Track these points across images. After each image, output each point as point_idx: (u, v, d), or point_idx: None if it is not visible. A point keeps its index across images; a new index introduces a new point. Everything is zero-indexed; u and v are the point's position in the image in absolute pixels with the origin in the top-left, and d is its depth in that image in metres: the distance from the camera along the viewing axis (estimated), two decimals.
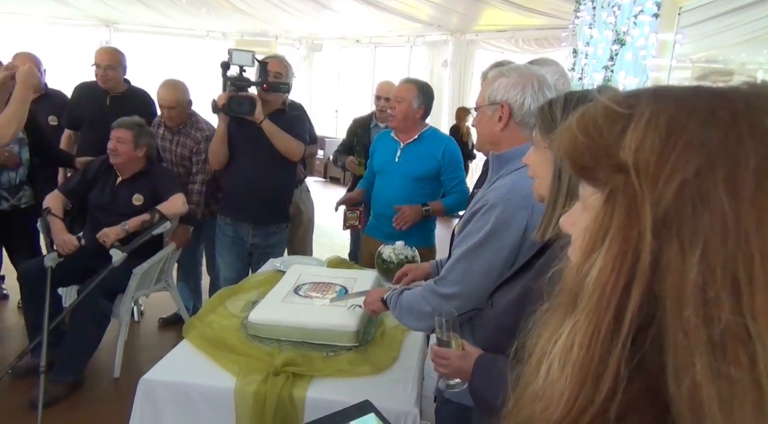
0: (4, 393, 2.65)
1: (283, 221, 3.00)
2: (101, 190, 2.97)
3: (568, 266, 0.47)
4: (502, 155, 1.48)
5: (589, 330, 0.41)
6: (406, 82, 2.72)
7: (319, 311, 1.82)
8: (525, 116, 1.45)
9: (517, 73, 1.48)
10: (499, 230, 1.37)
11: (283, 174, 2.93)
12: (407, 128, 2.68)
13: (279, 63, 2.88)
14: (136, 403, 1.55)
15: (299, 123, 2.91)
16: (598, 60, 3.56)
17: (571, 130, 0.47)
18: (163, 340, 3.48)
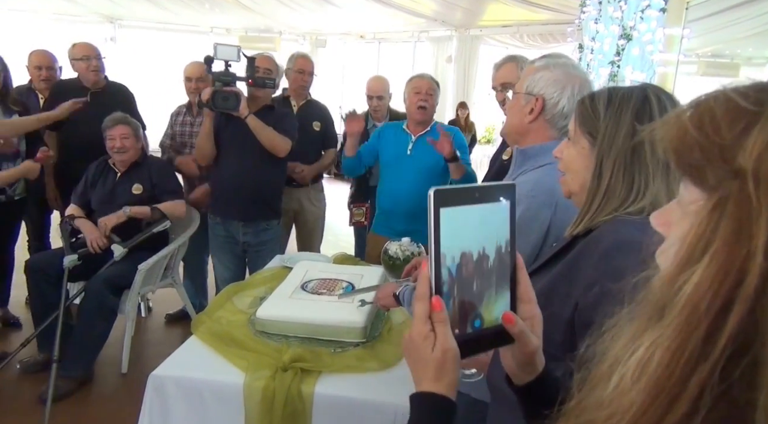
0: (14, 388, 2.67)
1: (273, 217, 2.97)
2: (102, 188, 3.00)
3: (658, 274, 0.43)
4: (527, 150, 1.46)
5: (672, 347, 0.38)
6: (429, 79, 2.81)
7: (327, 308, 1.82)
8: (556, 116, 1.42)
9: (563, 70, 1.43)
10: (522, 227, 1.36)
11: (271, 170, 2.89)
12: (427, 122, 2.78)
13: (268, 59, 2.92)
14: (146, 398, 1.56)
15: (288, 119, 2.90)
16: (604, 55, 3.54)
17: (682, 122, 0.42)
18: (169, 336, 3.50)
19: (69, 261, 2.63)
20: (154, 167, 3.07)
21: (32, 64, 3.53)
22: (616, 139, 0.99)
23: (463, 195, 0.63)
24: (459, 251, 0.63)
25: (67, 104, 3.05)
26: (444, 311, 0.62)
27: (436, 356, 0.62)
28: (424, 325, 0.63)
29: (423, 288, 0.63)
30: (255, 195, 2.86)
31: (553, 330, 0.98)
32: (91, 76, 3.30)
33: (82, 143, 3.24)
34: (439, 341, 0.62)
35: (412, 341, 0.64)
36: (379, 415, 1.47)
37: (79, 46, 3.33)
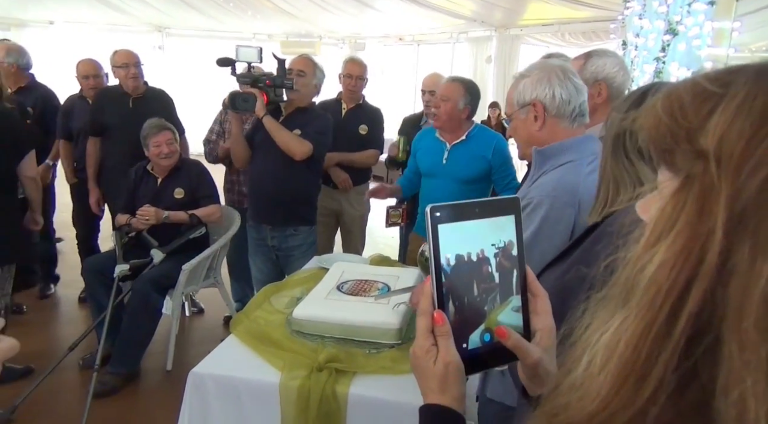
0: (72, 383, 2.80)
1: (301, 223, 2.86)
2: (144, 194, 3.08)
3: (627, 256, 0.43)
4: (545, 150, 1.45)
5: (639, 328, 0.38)
6: (452, 80, 2.67)
7: (362, 308, 1.83)
8: (560, 107, 1.43)
9: (537, 69, 1.46)
10: (546, 229, 1.34)
11: (297, 175, 2.77)
12: (452, 128, 2.62)
13: (303, 60, 2.82)
14: (186, 395, 1.61)
15: (317, 123, 2.79)
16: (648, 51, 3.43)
17: (655, 110, 0.43)
18: (213, 334, 3.59)
19: (119, 270, 2.74)
20: (192, 171, 3.15)
21: (80, 74, 3.67)
22: (610, 130, 1.04)
23: (462, 211, 0.63)
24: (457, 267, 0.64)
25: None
26: (446, 325, 0.63)
27: (438, 370, 0.63)
28: (426, 339, 0.64)
29: (425, 303, 0.64)
30: (279, 199, 2.80)
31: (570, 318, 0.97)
32: (130, 82, 3.41)
33: (124, 148, 3.36)
34: (441, 354, 0.63)
35: (416, 356, 0.65)
36: (414, 418, 1.46)
37: (120, 53, 3.44)
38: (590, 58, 1.81)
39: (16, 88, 3.71)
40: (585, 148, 1.41)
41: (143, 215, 2.90)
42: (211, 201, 3.13)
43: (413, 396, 1.48)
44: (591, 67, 1.78)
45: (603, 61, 1.79)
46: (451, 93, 2.57)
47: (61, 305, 3.89)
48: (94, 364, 2.56)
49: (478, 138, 2.64)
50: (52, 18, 8.83)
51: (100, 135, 3.50)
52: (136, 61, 3.42)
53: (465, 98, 2.57)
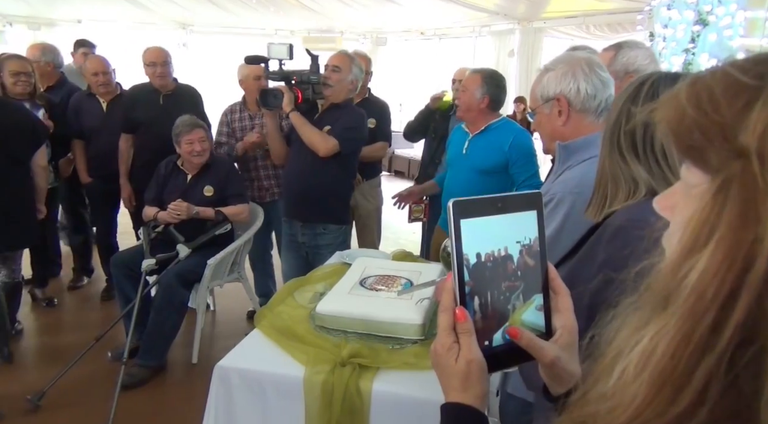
0: (101, 374, 2.86)
1: (331, 221, 2.84)
2: (173, 189, 3.13)
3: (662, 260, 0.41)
4: (569, 145, 1.43)
5: (677, 337, 0.37)
6: (472, 71, 2.69)
7: (385, 304, 1.83)
8: (585, 101, 1.40)
9: (562, 62, 1.44)
10: (569, 225, 1.32)
11: (327, 173, 2.75)
12: (473, 119, 2.63)
13: (339, 56, 2.81)
14: (212, 388, 1.63)
15: (346, 119, 2.75)
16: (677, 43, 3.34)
17: (679, 101, 0.40)
18: (237, 328, 3.63)
19: (147, 265, 2.80)
20: (222, 170, 3.18)
21: (89, 72, 3.70)
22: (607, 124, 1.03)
23: (484, 206, 0.62)
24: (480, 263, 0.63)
25: None
26: (468, 322, 0.62)
27: (460, 368, 0.62)
28: (448, 336, 0.63)
29: (447, 299, 0.63)
30: (309, 196, 2.81)
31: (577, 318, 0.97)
32: (157, 81, 3.46)
33: (156, 144, 3.41)
34: (463, 352, 0.62)
35: (438, 353, 0.64)
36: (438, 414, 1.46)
37: (149, 52, 3.49)
38: (621, 49, 1.77)
39: (47, 86, 3.82)
40: None
41: (175, 210, 2.95)
42: (239, 200, 3.16)
43: (437, 393, 1.47)
44: (622, 59, 1.75)
45: (635, 53, 1.75)
46: (469, 83, 2.59)
47: (89, 299, 3.98)
48: (123, 356, 2.62)
49: (499, 130, 2.63)
50: (80, 17, 9.00)
51: (133, 132, 3.55)
52: (164, 59, 3.46)
53: (482, 88, 2.56)
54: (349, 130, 2.76)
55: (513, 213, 0.64)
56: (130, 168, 3.63)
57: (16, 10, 8.45)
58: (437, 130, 3.46)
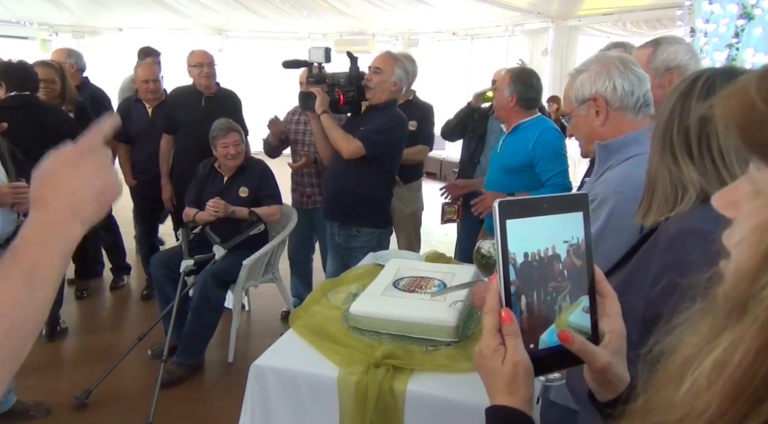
0: (141, 372, 2.95)
1: (364, 224, 2.83)
2: (211, 190, 3.21)
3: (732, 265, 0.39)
4: (609, 145, 1.40)
5: (754, 347, 0.35)
6: (505, 71, 2.72)
7: (419, 305, 1.83)
8: (623, 98, 1.37)
9: (595, 63, 1.41)
10: (613, 226, 1.29)
11: (362, 176, 2.74)
12: (504, 118, 2.65)
13: (381, 58, 2.81)
14: (248, 386, 1.66)
15: (380, 121, 2.74)
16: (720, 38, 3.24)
17: (747, 95, 0.37)
18: (271, 328, 3.68)
19: (185, 265, 2.87)
20: (257, 171, 3.25)
21: (140, 79, 3.82)
22: (657, 123, 0.98)
23: (530, 206, 0.62)
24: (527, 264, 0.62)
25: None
26: (514, 324, 0.61)
27: (507, 370, 0.61)
28: (494, 338, 0.62)
29: (492, 301, 0.62)
30: (343, 198, 2.83)
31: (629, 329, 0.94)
32: (203, 82, 3.53)
33: (197, 146, 3.48)
34: (509, 354, 0.61)
35: (483, 355, 0.63)
36: (473, 417, 1.45)
37: (195, 54, 3.59)
38: (660, 45, 1.73)
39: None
40: None
41: (213, 207, 3.03)
42: (272, 201, 3.22)
43: (471, 395, 1.47)
44: (662, 55, 1.70)
45: (675, 49, 1.70)
46: (500, 83, 2.62)
47: (129, 298, 4.11)
48: (162, 355, 2.69)
49: (529, 128, 2.61)
50: (121, 25, 9.31)
51: (174, 133, 3.63)
52: (210, 61, 3.55)
53: (510, 87, 2.55)
54: (375, 132, 2.73)
55: (559, 214, 0.63)
56: (171, 169, 3.71)
57: (62, 20, 8.80)
58: (476, 130, 3.42)
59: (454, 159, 7.80)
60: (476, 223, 3.37)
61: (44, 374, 2.92)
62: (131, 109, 3.83)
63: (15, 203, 2.11)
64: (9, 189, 2.07)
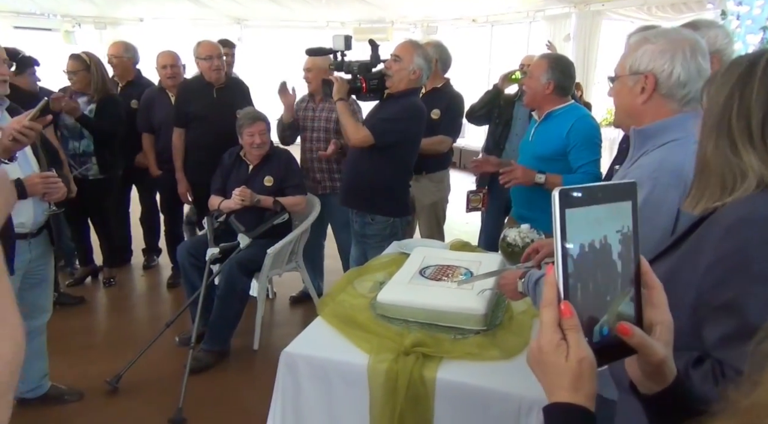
0: (170, 358, 3.00)
1: (376, 212, 2.81)
2: (236, 178, 3.23)
3: None
4: (645, 130, 1.37)
5: None
6: (540, 57, 2.66)
7: (447, 294, 1.83)
8: (673, 87, 1.31)
9: (666, 38, 1.33)
10: (648, 212, 1.26)
11: (374, 164, 2.74)
12: (538, 105, 2.58)
13: (401, 46, 2.78)
14: (279, 373, 1.68)
15: (392, 109, 2.74)
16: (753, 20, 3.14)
17: None
18: (293, 316, 3.72)
19: (211, 254, 2.90)
20: (282, 161, 3.26)
21: (159, 65, 3.84)
22: (709, 109, 0.94)
23: (589, 195, 0.61)
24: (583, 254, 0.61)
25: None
26: (575, 317, 0.60)
27: (572, 366, 0.59)
28: (555, 333, 0.60)
29: (550, 294, 0.61)
30: (356, 185, 2.85)
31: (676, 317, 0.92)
32: (214, 74, 3.51)
33: (210, 138, 3.50)
34: (572, 349, 0.59)
35: (543, 351, 0.61)
36: (503, 404, 1.45)
37: (204, 45, 3.55)
38: (698, 29, 1.66)
39: (126, 81, 4.06)
40: (692, 125, 1.31)
41: (239, 195, 3.06)
42: (297, 191, 3.24)
43: (502, 383, 1.47)
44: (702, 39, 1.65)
45: (714, 33, 1.65)
46: (535, 69, 2.54)
47: (156, 286, 4.17)
48: (190, 342, 2.74)
49: (562, 116, 2.55)
50: (142, 15, 9.38)
51: (186, 126, 3.62)
52: (219, 52, 3.54)
53: (547, 73, 2.50)
54: (385, 121, 2.73)
55: (611, 203, 0.62)
56: (186, 162, 3.70)
57: (84, 11, 8.89)
58: (502, 116, 3.36)
59: (473, 148, 7.74)
60: (501, 211, 3.34)
61: (76, 360, 2.99)
62: (154, 99, 3.85)
63: (46, 193, 2.14)
64: (39, 179, 2.09)
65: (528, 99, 2.60)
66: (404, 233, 2.91)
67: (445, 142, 3.40)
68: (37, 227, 2.26)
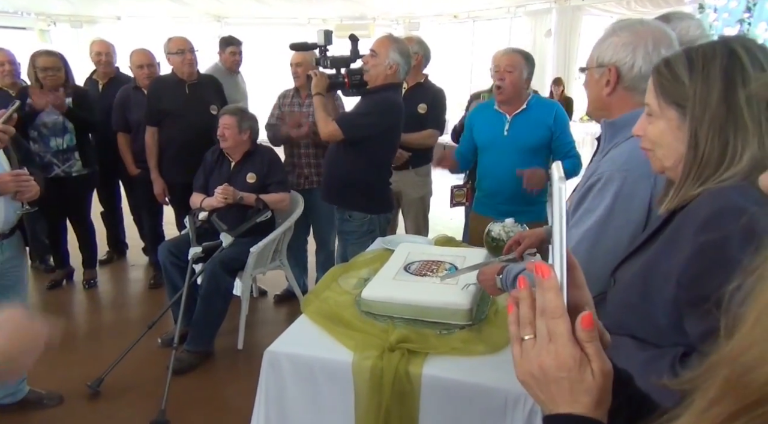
0: (153, 360, 2.95)
1: (353, 209, 2.79)
2: (218, 176, 3.19)
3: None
4: (616, 122, 1.37)
5: None
6: (513, 52, 2.65)
7: (431, 289, 1.81)
8: (635, 80, 1.32)
9: (630, 31, 1.34)
10: (621, 204, 1.26)
11: (348, 159, 2.72)
12: (515, 99, 2.62)
13: (378, 41, 2.73)
14: (262, 372, 1.65)
15: (363, 103, 2.75)
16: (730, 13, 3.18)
17: None
18: (278, 315, 3.69)
19: (193, 253, 2.86)
20: (265, 158, 3.22)
21: (134, 64, 3.78)
22: (709, 102, 0.91)
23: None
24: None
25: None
26: (596, 328, 0.55)
27: (599, 383, 0.54)
28: (574, 347, 0.54)
29: (557, 301, 0.55)
30: (332, 181, 2.84)
31: (655, 313, 0.92)
32: (186, 69, 3.46)
33: (184, 135, 3.45)
34: (596, 364, 0.54)
35: (565, 367, 0.54)
36: (489, 399, 1.44)
37: (174, 40, 3.50)
38: (670, 21, 1.67)
39: (108, 79, 4.08)
40: None
41: (222, 194, 3.02)
42: (280, 188, 3.20)
43: (488, 378, 1.46)
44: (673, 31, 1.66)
45: (686, 24, 1.66)
46: (516, 63, 2.57)
47: (138, 287, 4.11)
48: (173, 343, 2.69)
49: (537, 106, 2.64)
50: (119, 14, 9.23)
51: (158, 124, 3.55)
52: (191, 47, 3.48)
53: (527, 69, 2.60)
54: (355, 115, 2.73)
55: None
56: (161, 161, 3.64)
57: (60, 10, 8.72)
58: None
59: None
60: None
61: (55, 363, 2.92)
62: (130, 98, 3.78)
63: (18, 192, 2.08)
64: (10, 177, 2.04)
65: (508, 95, 2.61)
66: (384, 231, 2.87)
67: (433, 135, 3.43)
68: (9, 226, 2.20)
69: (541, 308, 0.56)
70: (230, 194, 3.03)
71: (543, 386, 0.56)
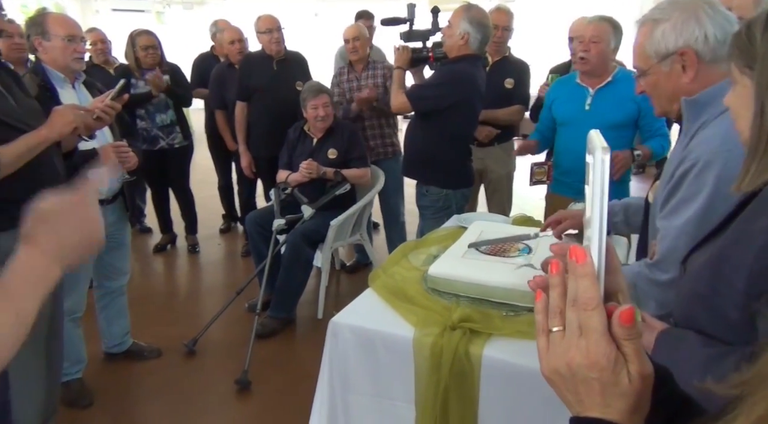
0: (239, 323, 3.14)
1: (429, 183, 2.78)
2: (301, 152, 3.29)
3: None
4: (698, 99, 1.22)
5: None
6: (600, 20, 2.46)
7: (500, 269, 1.76)
8: (715, 49, 1.18)
9: (676, 9, 1.20)
10: (724, 190, 1.13)
11: (423, 133, 2.73)
12: (600, 72, 2.44)
13: (454, 12, 2.63)
14: (327, 341, 1.70)
15: (435, 75, 2.73)
16: None
17: None
18: (358, 287, 3.77)
19: (277, 224, 2.99)
20: (346, 133, 3.27)
21: (226, 41, 3.94)
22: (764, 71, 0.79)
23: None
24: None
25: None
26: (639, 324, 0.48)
27: (636, 387, 0.48)
28: (609, 344, 0.48)
29: (592, 291, 0.49)
30: (409, 156, 2.87)
31: (726, 306, 0.81)
32: (274, 47, 3.57)
33: (272, 110, 3.57)
34: (634, 366, 0.48)
35: (598, 367, 0.48)
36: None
37: (263, 19, 3.61)
38: None
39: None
40: None
41: (306, 169, 3.12)
42: (361, 163, 3.25)
43: None
44: None
45: None
46: (602, 33, 2.38)
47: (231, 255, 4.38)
48: (257, 308, 2.85)
49: (625, 81, 2.40)
50: None
51: (248, 99, 3.71)
52: (278, 25, 3.59)
53: (616, 38, 2.41)
54: (423, 87, 2.72)
55: None
56: (249, 136, 3.79)
57: None
58: None
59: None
60: None
61: (157, 322, 3.22)
62: (225, 76, 3.96)
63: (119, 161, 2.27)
64: (111, 148, 2.23)
65: (593, 66, 2.44)
66: (461, 208, 2.82)
67: (520, 111, 3.34)
68: (112, 193, 2.42)
69: (572, 298, 0.50)
70: (314, 169, 3.12)
71: (570, 386, 0.50)
